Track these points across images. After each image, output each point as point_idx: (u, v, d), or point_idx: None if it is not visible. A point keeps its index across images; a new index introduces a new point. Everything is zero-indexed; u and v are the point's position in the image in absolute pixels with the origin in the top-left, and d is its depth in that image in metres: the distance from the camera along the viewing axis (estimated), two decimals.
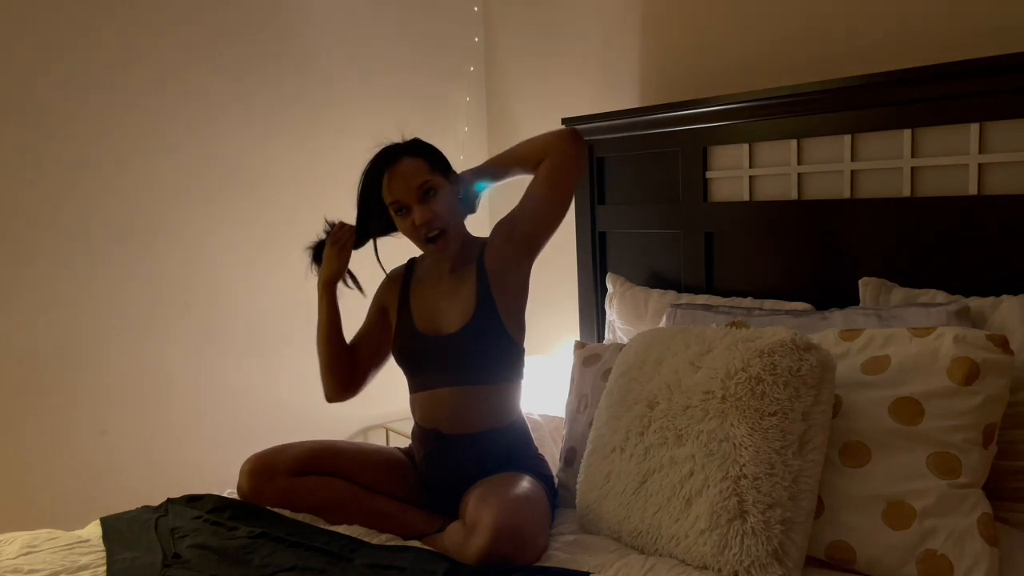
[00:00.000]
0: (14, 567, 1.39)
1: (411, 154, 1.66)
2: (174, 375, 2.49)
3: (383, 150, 1.68)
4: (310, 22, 2.67)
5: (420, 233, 1.65)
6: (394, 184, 1.64)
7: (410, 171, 1.63)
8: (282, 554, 1.40)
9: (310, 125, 2.70)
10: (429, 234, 1.64)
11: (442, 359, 1.68)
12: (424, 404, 1.72)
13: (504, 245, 1.72)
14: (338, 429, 2.79)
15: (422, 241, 1.67)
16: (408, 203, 1.64)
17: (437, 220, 1.64)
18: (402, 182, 1.63)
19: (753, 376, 1.31)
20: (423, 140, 1.72)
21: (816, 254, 1.90)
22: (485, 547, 1.35)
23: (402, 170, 1.64)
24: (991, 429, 1.30)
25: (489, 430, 1.68)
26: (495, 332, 1.67)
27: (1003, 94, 1.54)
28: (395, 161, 1.65)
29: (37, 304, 2.26)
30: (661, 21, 2.37)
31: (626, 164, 2.35)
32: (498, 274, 1.69)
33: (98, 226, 2.34)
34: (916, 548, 1.23)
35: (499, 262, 1.70)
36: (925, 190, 1.71)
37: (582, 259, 2.51)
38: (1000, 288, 1.55)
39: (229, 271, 2.57)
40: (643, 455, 1.43)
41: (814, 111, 1.85)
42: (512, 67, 2.97)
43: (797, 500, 1.26)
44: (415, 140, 1.71)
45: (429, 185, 1.63)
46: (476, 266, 1.71)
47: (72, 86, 2.26)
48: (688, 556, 1.31)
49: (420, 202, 1.63)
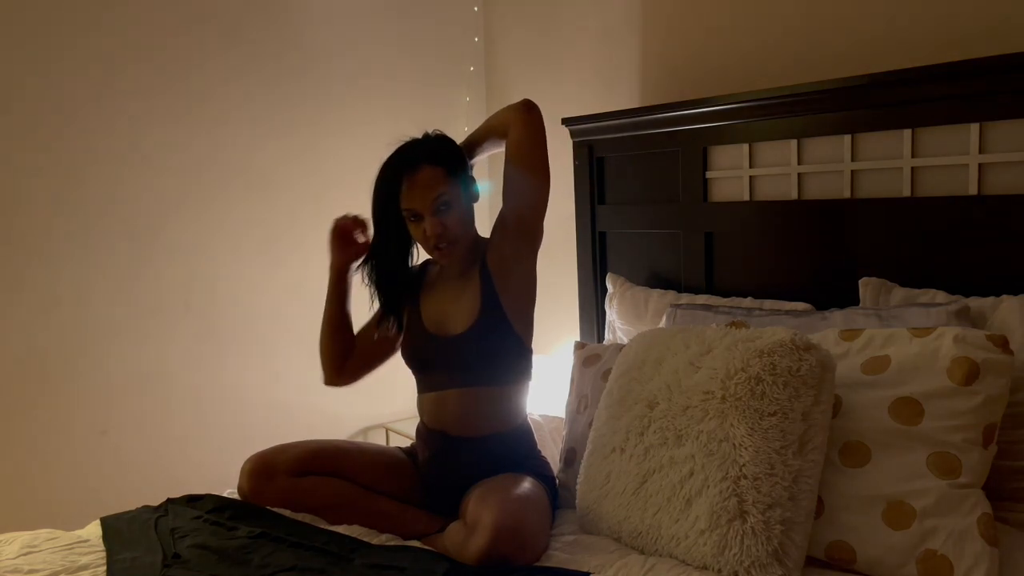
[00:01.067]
0: (14, 567, 1.39)
1: (430, 161, 1.63)
2: (174, 375, 2.49)
3: (403, 150, 1.66)
4: (310, 23, 2.67)
5: (430, 243, 1.66)
6: (411, 192, 1.62)
7: (428, 181, 1.62)
8: (282, 554, 1.40)
9: (310, 125, 2.70)
10: (439, 244, 1.65)
11: (450, 360, 1.68)
12: (432, 405, 1.72)
13: (502, 240, 1.71)
14: (338, 429, 2.79)
15: (430, 248, 1.68)
16: (422, 213, 1.63)
17: (447, 234, 1.64)
18: (419, 192, 1.62)
19: (753, 376, 1.31)
20: (445, 139, 1.70)
21: (816, 254, 1.90)
22: (485, 547, 1.35)
23: (421, 180, 1.62)
24: (991, 429, 1.30)
25: (495, 433, 1.68)
26: (502, 331, 1.67)
27: (1003, 94, 1.55)
28: (415, 168, 1.63)
29: (37, 304, 2.26)
30: (661, 21, 2.37)
31: (626, 164, 2.35)
32: (500, 272, 1.69)
33: (99, 226, 2.33)
34: (916, 548, 1.23)
35: (500, 259, 1.70)
36: (925, 190, 1.71)
37: (582, 259, 2.51)
38: (1000, 288, 1.55)
39: (229, 271, 2.57)
40: (643, 455, 1.43)
41: (814, 111, 1.85)
42: (512, 67, 2.97)
43: (797, 500, 1.26)
44: (437, 141, 1.69)
45: (444, 198, 1.63)
46: (479, 266, 1.71)
47: (72, 86, 2.26)
48: (688, 556, 1.31)
49: (433, 214, 1.63)
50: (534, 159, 1.69)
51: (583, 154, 2.44)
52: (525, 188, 1.69)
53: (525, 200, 1.70)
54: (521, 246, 1.72)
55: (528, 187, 1.69)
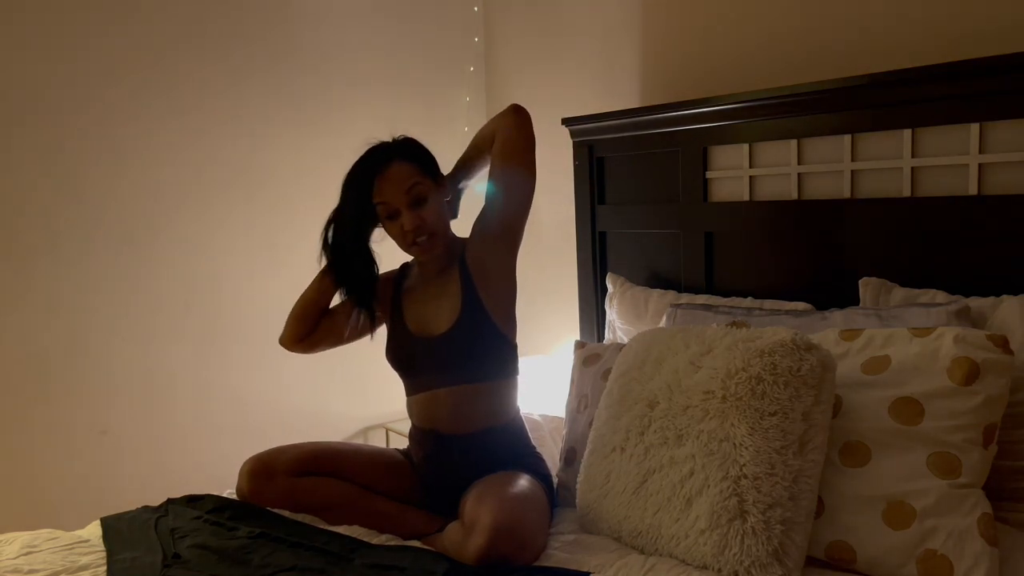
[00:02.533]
0: (14, 567, 1.39)
1: (401, 157, 1.65)
2: (174, 375, 2.49)
3: (372, 150, 1.67)
4: (310, 23, 2.67)
5: (408, 238, 1.65)
6: (384, 188, 1.63)
7: (401, 176, 1.62)
8: (282, 554, 1.40)
9: (310, 126, 2.70)
10: (418, 239, 1.65)
11: (435, 359, 1.68)
12: (421, 406, 1.72)
13: (482, 239, 1.71)
14: (338, 429, 2.79)
15: (408, 245, 1.67)
16: (398, 208, 1.63)
17: (425, 226, 1.64)
18: (392, 186, 1.62)
19: (753, 376, 1.30)
20: (414, 141, 1.71)
21: (816, 254, 1.90)
22: (484, 547, 1.35)
23: (392, 174, 1.62)
24: (991, 429, 1.30)
25: (487, 429, 1.68)
26: (483, 328, 1.68)
27: (1003, 94, 1.54)
28: (385, 164, 1.63)
29: (38, 304, 2.26)
30: (661, 21, 2.37)
31: (626, 164, 2.35)
32: (480, 270, 1.69)
33: (99, 227, 2.33)
34: (916, 548, 1.23)
35: (479, 257, 1.70)
36: (925, 190, 1.71)
37: (582, 259, 2.51)
38: (1000, 288, 1.55)
39: (230, 271, 2.57)
40: (643, 455, 1.43)
41: (814, 111, 1.85)
42: (512, 67, 2.97)
43: (797, 500, 1.26)
44: (405, 141, 1.70)
45: (419, 191, 1.63)
46: (459, 265, 1.71)
47: (73, 88, 2.26)
48: (688, 556, 1.31)
49: (410, 208, 1.63)
50: (520, 158, 1.70)
51: (583, 154, 2.44)
52: (512, 187, 1.70)
53: (512, 199, 1.71)
54: (504, 245, 1.72)
55: (513, 186, 1.70)
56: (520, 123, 1.71)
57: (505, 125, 1.71)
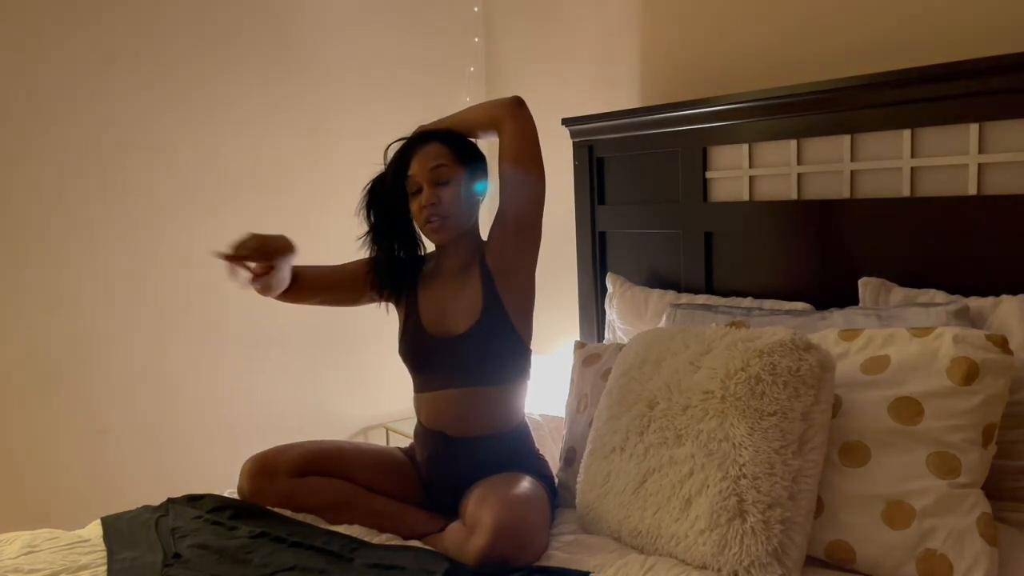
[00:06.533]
0: (14, 567, 1.39)
1: (441, 141, 1.70)
2: (174, 375, 2.49)
3: (417, 131, 1.74)
4: (310, 23, 2.67)
5: (423, 215, 1.67)
6: (415, 163, 1.69)
7: (431, 154, 1.68)
8: (282, 554, 1.40)
9: (310, 126, 2.70)
10: (431, 218, 1.66)
11: (450, 360, 1.68)
12: (430, 405, 1.72)
13: (502, 239, 1.71)
14: (338, 429, 2.79)
15: (423, 223, 1.70)
16: (420, 183, 1.67)
17: (441, 207, 1.66)
18: (421, 162, 1.68)
19: (753, 376, 1.31)
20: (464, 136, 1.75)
21: (816, 254, 1.90)
22: (485, 547, 1.35)
23: (425, 152, 1.69)
24: (991, 429, 1.30)
25: (494, 433, 1.68)
26: (504, 332, 1.67)
27: (1003, 94, 1.54)
28: (424, 143, 1.71)
29: (37, 304, 2.26)
30: (661, 21, 2.37)
31: (626, 164, 2.36)
32: (501, 271, 1.69)
33: (99, 226, 2.34)
34: (916, 548, 1.23)
35: (500, 258, 1.70)
36: (925, 190, 1.71)
37: (582, 259, 2.51)
38: (1000, 288, 1.55)
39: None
40: (643, 455, 1.43)
41: (814, 111, 1.85)
42: (512, 67, 2.97)
43: (797, 500, 1.26)
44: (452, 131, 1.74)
45: (442, 172, 1.66)
46: (479, 265, 1.71)
47: (72, 86, 2.26)
48: (688, 556, 1.31)
49: (431, 184, 1.66)
50: (530, 157, 1.70)
51: (583, 154, 2.44)
52: (523, 186, 1.70)
53: (524, 198, 1.70)
54: (522, 244, 1.71)
55: (526, 185, 1.70)
56: (526, 120, 1.70)
57: (512, 121, 1.69)
